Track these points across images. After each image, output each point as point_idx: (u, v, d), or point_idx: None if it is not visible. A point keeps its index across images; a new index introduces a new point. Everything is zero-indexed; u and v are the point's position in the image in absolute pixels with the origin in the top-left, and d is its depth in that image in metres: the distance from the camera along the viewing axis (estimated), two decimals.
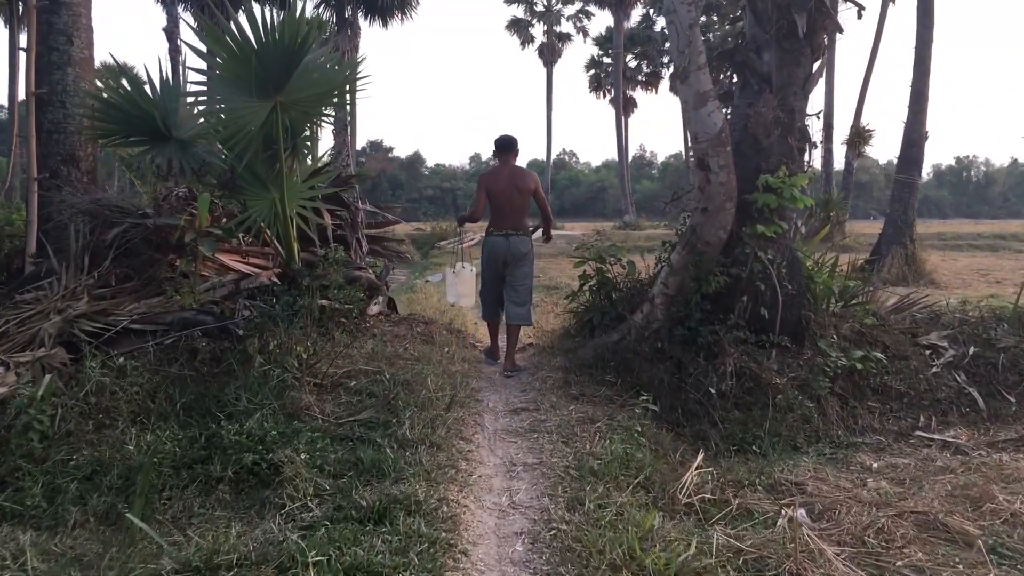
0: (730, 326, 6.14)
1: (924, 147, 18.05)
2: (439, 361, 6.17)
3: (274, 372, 4.89)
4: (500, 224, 6.77)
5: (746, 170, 6.25)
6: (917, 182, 18.22)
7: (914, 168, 18.05)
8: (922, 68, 17.78)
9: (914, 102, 17.80)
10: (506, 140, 6.97)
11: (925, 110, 17.85)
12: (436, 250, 30.37)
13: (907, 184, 17.97)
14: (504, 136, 6.98)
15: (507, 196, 6.71)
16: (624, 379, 6.00)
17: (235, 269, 6.40)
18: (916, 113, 17.77)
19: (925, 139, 18.01)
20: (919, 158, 18.17)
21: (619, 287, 6.84)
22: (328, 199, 7.43)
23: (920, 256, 17.77)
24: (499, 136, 7.05)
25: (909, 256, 17.63)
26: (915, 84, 17.80)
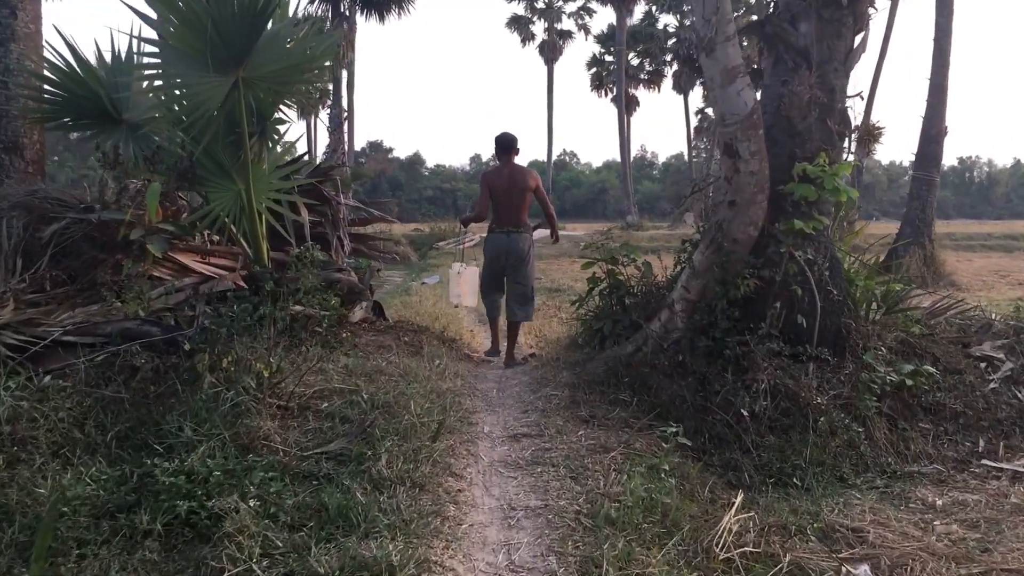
0: (761, 336, 5.34)
1: (943, 143, 17.27)
2: (427, 377, 5.37)
3: (227, 394, 4.09)
4: (503, 221, 6.89)
5: (779, 158, 5.46)
6: (936, 179, 17.42)
7: (933, 165, 17.27)
8: (941, 60, 17.00)
9: (933, 96, 17.02)
10: (506, 139, 7.05)
11: (944, 104, 17.08)
12: (435, 251, 29.63)
13: (926, 181, 17.18)
14: (504, 135, 7.08)
15: (508, 194, 6.82)
16: (640, 398, 5.21)
17: (195, 271, 5.60)
18: (935, 107, 17.00)
19: (944, 134, 17.24)
20: (938, 154, 17.41)
21: (633, 291, 6.04)
22: (306, 192, 6.65)
23: (939, 257, 17.00)
24: (499, 135, 7.15)
25: (928, 257, 16.86)
26: (934, 77, 17.03)
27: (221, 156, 5.47)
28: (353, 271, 6.61)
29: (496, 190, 6.90)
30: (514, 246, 6.79)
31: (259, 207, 5.56)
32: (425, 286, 16.54)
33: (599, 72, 54.24)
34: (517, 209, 6.83)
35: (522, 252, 6.83)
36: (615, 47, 47.54)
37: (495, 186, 6.91)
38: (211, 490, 3.41)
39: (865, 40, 5.71)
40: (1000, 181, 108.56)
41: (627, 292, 5.99)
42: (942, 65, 16.95)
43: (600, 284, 6.20)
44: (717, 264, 5.43)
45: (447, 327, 8.06)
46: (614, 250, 6.25)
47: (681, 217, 53.76)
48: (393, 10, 32.00)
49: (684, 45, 51.57)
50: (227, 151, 5.47)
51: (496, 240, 6.95)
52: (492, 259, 7.03)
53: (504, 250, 6.86)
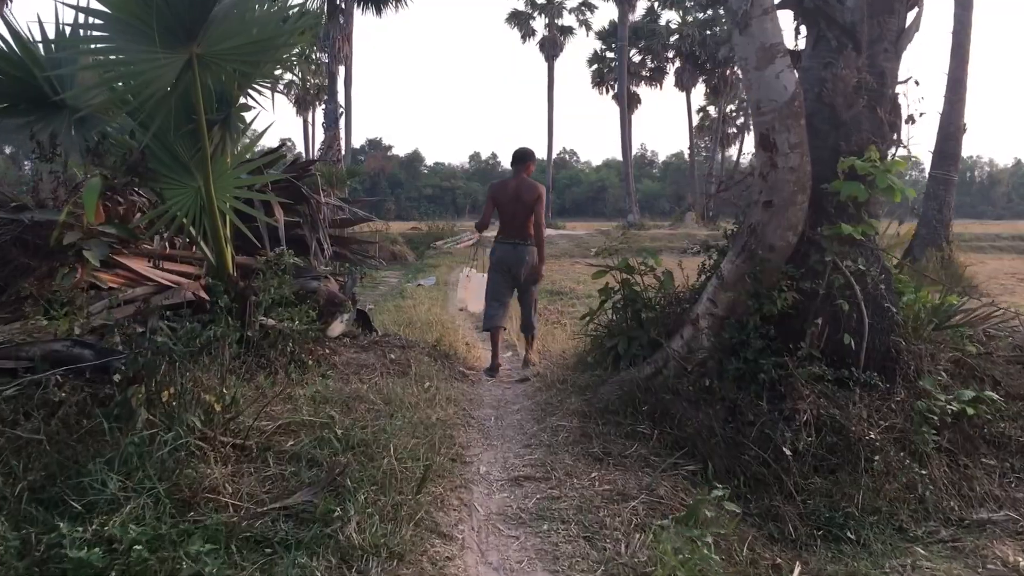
0: (801, 358, 4.61)
1: (962, 140, 16.54)
2: (414, 405, 4.64)
3: (166, 435, 3.36)
4: (508, 233, 6.85)
5: (820, 152, 4.74)
6: (954, 178, 16.68)
7: (951, 163, 16.53)
8: (960, 54, 16.26)
9: (951, 91, 16.27)
10: (519, 152, 7.07)
11: (963, 100, 16.34)
12: (432, 250, 28.84)
13: (943, 180, 16.45)
14: (519, 148, 7.11)
15: (511, 207, 6.77)
16: (662, 430, 4.49)
17: (150, 279, 4.87)
18: (953, 103, 16.24)
19: (963, 132, 16.50)
20: (956, 152, 16.68)
21: (651, 304, 5.30)
22: (282, 190, 5.92)
23: (957, 259, 16.25)
24: (516, 148, 7.16)
25: (945, 259, 16.10)
26: (952, 72, 16.27)
27: (177, 147, 4.75)
28: (334, 279, 5.88)
29: (500, 202, 6.89)
30: (521, 258, 6.74)
31: (222, 206, 4.83)
32: (421, 288, 15.75)
33: (600, 69, 53.51)
34: (521, 222, 6.76)
35: (527, 264, 6.78)
36: (617, 43, 46.75)
37: (500, 198, 6.90)
38: (131, 568, 2.68)
39: (919, 17, 4.98)
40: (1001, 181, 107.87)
41: (644, 305, 5.24)
42: (961, 59, 16.21)
43: (613, 296, 5.46)
44: (750, 274, 4.70)
45: (441, 339, 7.31)
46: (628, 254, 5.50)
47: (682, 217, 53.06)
48: (390, 4, 31.23)
49: (686, 41, 50.88)
50: (184, 142, 4.75)
51: (502, 251, 6.87)
52: (497, 270, 6.95)
53: (509, 261, 6.80)
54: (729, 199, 5.51)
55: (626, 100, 46.75)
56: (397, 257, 27.26)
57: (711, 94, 55.21)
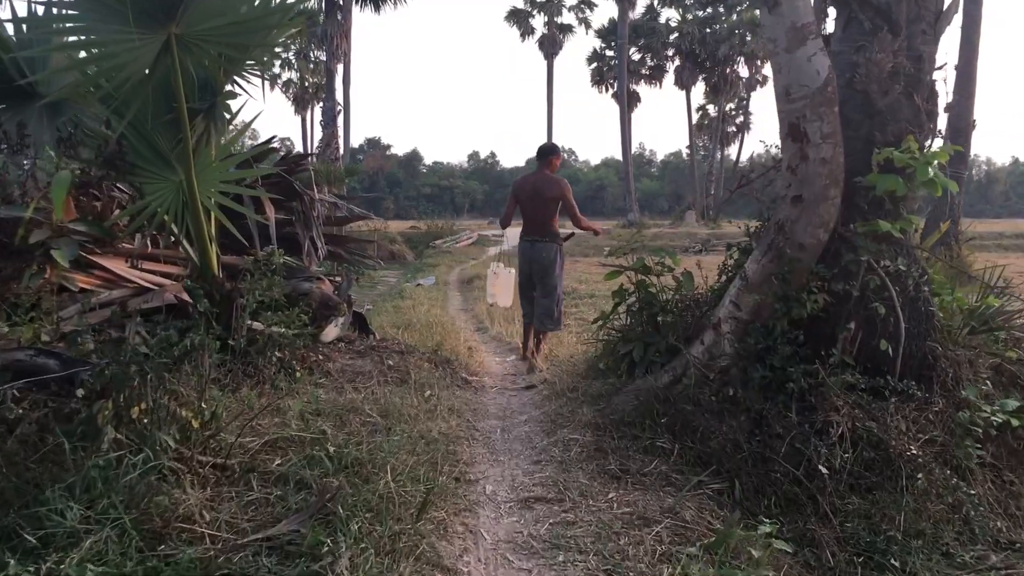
0: (833, 365, 4.25)
1: (972, 137, 16.19)
2: (414, 417, 4.27)
3: (136, 457, 3.00)
4: (528, 230, 6.88)
5: (852, 143, 4.38)
6: (964, 175, 16.32)
7: (960, 160, 16.14)
8: (969, 48, 15.93)
9: (960, 86, 15.90)
10: (541, 148, 7.00)
11: (973, 95, 16.00)
12: (431, 249, 28.46)
13: (953, 177, 16.07)
14: (543, 144, 7.05)
15: (530, 204, 6.76)
16: (683, 444, 4.13)
17: (129, 281, 4.52)
18: (963, 99, 15.88)
19: (973, 128, 16.15)
20: (966, 149, 16.33)
21: (669, 307, 4.94)
22: (273, 186, 5.56)
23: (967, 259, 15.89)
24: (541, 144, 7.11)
25: (955, 259, 15.74)
26: (962, 66, 15.91)
27: (157, 138, 4.38)
28: (328, 280, 5.52)
29: (521, 199, 6.88)
30: (537, 255, 6.73)
31: (206, 202, 4.46)
32: (420, 288, 15.38)
33: (600, 67, 53.20)
34: (541, 218, 6.74)
35: (544, 262, 6.73)
36: (617, 41, 46.44)
37: (520, 194, 6.90)
38: None
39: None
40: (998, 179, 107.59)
41: (661, 308, 4.87)
42: (970, 54, 15.88)
43: (628, 298, 5.09)
44: (777, 275, 4.35)
45: (442, 343, 6.94)
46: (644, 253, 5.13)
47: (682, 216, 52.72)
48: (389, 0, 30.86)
49: (686, 40, 50.56)
50: (165, 132, 4.39)
51: (522, 248, 6.95)
52: (520, 267, 7.07)
53: (528, 258, 6.85)
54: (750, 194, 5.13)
55: (626, 98, 46.43)
56: (396, 256, 26.92)
57: (711, 93, 54.90)
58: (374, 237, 24.43)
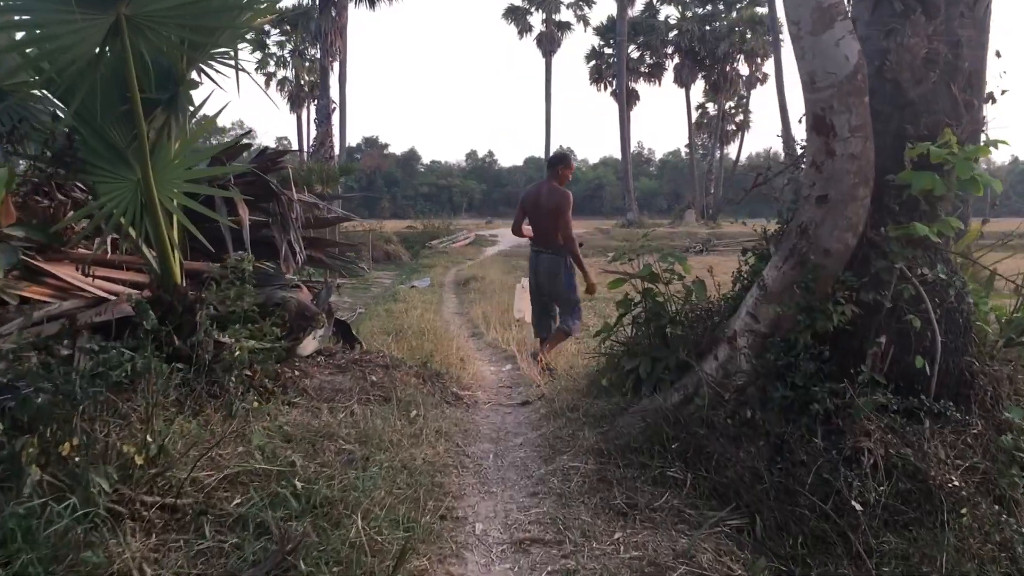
0: (861, 383, 3.82)
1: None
2: (396, 442, 3.84)
3: (64, 503, 2.57)
4: (535, 240, 6.77)
5: (881, 137, 3.95)
6: None
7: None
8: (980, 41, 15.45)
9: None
10: (551, 157, 7.02)
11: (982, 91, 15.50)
12: (427, 249, 28.02)
13: None
14: (554, 153, 7.26)
15: (535, 214, 6.64)
16: (696, 473, 3.70)
17: (82, 291, 4.08)
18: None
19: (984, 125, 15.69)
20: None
21: (678, 318, 4.50)
22: (247, 185, 5.12)
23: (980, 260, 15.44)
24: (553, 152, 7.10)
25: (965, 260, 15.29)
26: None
27: (112, 132, 3.95)
28: (308, 287, 5.09)
29: (527, 208, 6.77)
30: (543, 266, 6.59)
31: (167, 203, 4.03)
32: (415, 290, 14.95)
33: (598, 65, 52.78)
34: (545, 229, 6.57)
35: (551, 273, 6.52)
36: (615, 38, 46.01)
37: (527, 203, 6.78)
38: None
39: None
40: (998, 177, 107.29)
41: (671, 320, 4.43)
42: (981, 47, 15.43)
43: (634, 309, 4.64)
44: (800, 284, 3.92)
45: (433, 352, 6.50)
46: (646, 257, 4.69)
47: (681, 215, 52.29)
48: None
49: (686, 37, 50.17)
50: (122, 126, 3.95)
51: (530, 258, 6.86)
52: (530, 278, 7.00)
53: (533, 268, 6.75)
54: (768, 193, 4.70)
55: (625, 96, 46.00)
56: (391, 257, 26.47)
57: (710, 91, 54.50)
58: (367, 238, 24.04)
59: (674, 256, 4.52)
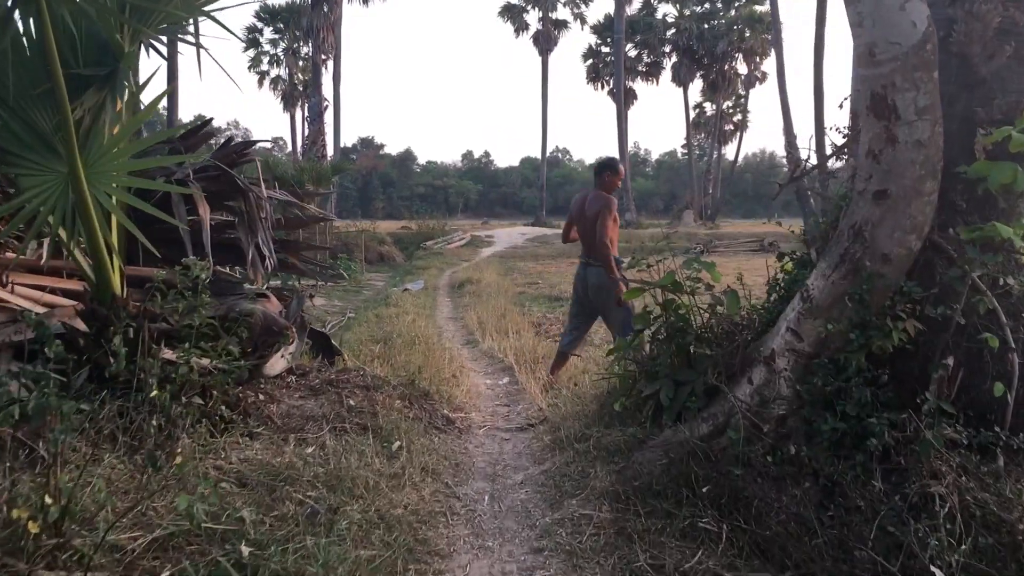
0: (926, 414, 3.22)
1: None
2: (373, 486, 3.21)
3: None
4: (583, 251, 6.30)
5: (947, 121, 3.34)
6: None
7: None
8: None
9: None
10: (597, 163, 6.53)
11: None
12: (422, 251, 27.36)
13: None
14: (599, 159, 6.59)
15: (579, 223, 6.23)
16: (733, 523, 3.08)
17: (4, 303, 3.46)
18: None
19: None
20: None
21: (705, 335, 3.87)
22: (209, 180, 4.50)
23: None
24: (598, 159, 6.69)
25: None
26: None
27: (38, 117, 3.32)
28: (278, 296, 4.46)
29: (572, 216, 6.38)
30: (586, 279, 6.06)
31: (103, 199, 3.40)
32: (407, 293, 14.30)
33: (595, 64, 52.14)
34: (588, 240, 6.06)
35: (599, 286, 5.86)
36: (613, 36, 45.40)
37: (572, 212, 6.41)
38: None
39: None
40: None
41: (697, 337, 3.80)
42: None
43: (654, 324, 4.00)
44: (852, 295, 3.31)
45: (423, 367, 5.85)
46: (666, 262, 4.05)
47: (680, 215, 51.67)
48: None
49: (684, 35, 49.59)
50: (49, 108, 3.32)
51: (576, 271, 6.36)
52: (573, 290, 6.59)
53: (578, 281, 6.30)
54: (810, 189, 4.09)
55: (622, 95, 45.39)
56: (385, 258, 25.80)
57: (708, 90, 53.93)
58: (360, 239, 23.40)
59: (699, 263, 3.88)
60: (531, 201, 73.91)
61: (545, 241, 32.10)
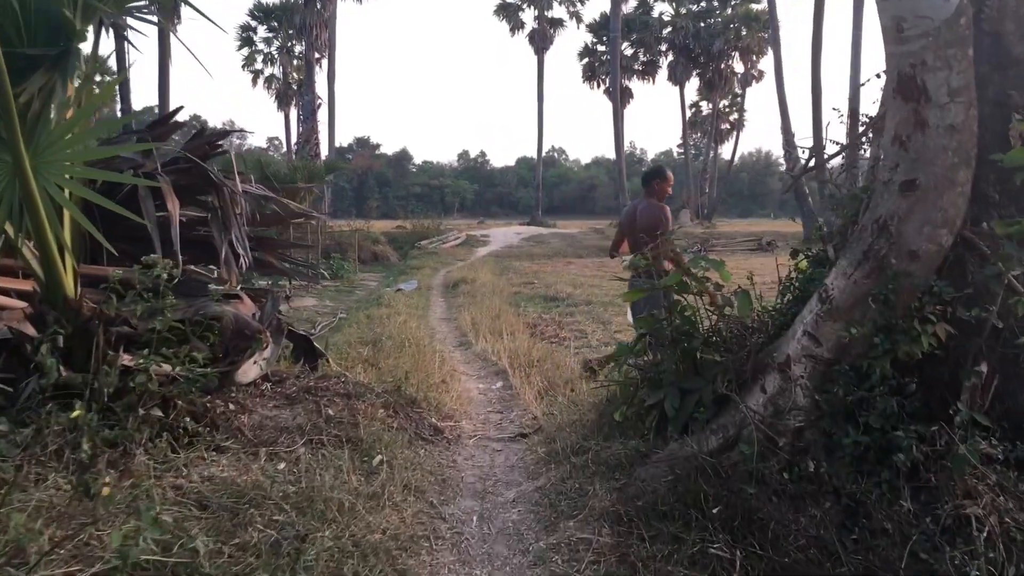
0: (959, 426, 2.92)
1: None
2: (349, 508, 2.90)
3: None
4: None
5: (979, 105, 3.04)
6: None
7: None
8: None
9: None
10: (645, 171, 6.31)
11: None
12: (416, 250, 27.04)
13: None
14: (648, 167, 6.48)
15: (630, 235, 5.91)
16: (747, 548, 2.78)
17: None
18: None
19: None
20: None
21: (713, 339, 3.56)
22: (179, 173, 4.18)
23: None
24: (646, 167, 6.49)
25: None
26: None
27: None
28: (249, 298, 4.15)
29: (624, 228, 6.09)
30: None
31: (54, 192, 3.09)
32: (401, 293, 13.98)
33: (591, 62, 51.81)
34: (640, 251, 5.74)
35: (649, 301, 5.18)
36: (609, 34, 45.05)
37: (623, 223, 6.14)
38: None
39: None
40: None
41: (705, 342, 3.49)
42: None
43: (661, 327, 3.68)
44: (877, 296, 3.01)
45: (410, 373, 5.52)
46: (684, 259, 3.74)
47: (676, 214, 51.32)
48: None
49: (680, 34, 49.28)
50: None
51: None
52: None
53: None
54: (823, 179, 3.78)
55: (619, 94, 45.09)
56: (379, 257, 25.48)
57: (705, 89, 53.65)
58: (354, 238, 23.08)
59: (707, 261, 3.57)
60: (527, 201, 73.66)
61: (541, 240, 31.79)
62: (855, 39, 26.85)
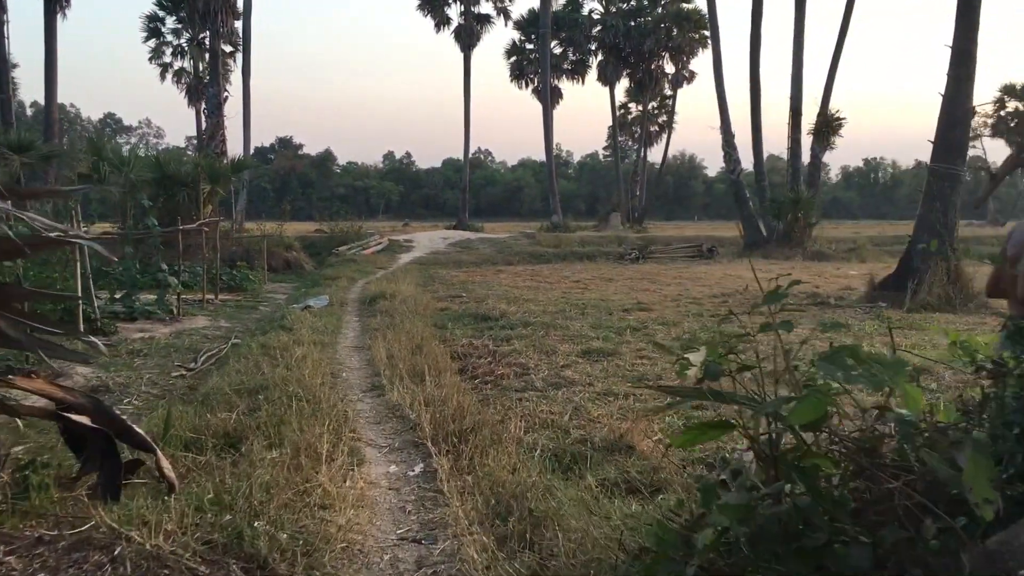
0: None
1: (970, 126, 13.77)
2: None
3: None
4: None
5: None
6: (961, 173, 13.83)
7: (957, 155, 13.70)
8: (968, 21, 13.46)
9: (957, 66, 13.44)
10: None
11: (972, 77, 13.52)
12: (334, 257, 24.81)
13: (948, 175, 13.59)
14: None
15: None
16: None
17: None
18: (960, 81, 13.42)
19: (971, 116, 13.72)
20: (963, 142, 13.85)
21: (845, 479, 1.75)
22: None
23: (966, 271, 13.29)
24: None
25: (951, 271, 13.16)
26: (957, 42, 13.47)
27: None
28: None
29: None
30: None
31: None
32: (308, 312, 11.89)
33: (519, 61, 50.31)
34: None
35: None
36: (539, 31, 43.57)
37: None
38: None
39: None
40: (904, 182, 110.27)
41: (834, 503, 1.65)
42: (969, 28, 13.41)
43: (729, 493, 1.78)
44: None
45: (274, 487, 3.53)
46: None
47: (606, 218, 50.15)
48: None
49: (610, 33, 48.15)
50: None
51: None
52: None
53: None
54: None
55: (548, 94, 43.62)
56: (291, 265, 23.18)
57: (635, 89, 52.71)
58: (263, 244, 20.81)
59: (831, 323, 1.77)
60: (453, 203, 71.90)
61: (468, 246, 29.92)
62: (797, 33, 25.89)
